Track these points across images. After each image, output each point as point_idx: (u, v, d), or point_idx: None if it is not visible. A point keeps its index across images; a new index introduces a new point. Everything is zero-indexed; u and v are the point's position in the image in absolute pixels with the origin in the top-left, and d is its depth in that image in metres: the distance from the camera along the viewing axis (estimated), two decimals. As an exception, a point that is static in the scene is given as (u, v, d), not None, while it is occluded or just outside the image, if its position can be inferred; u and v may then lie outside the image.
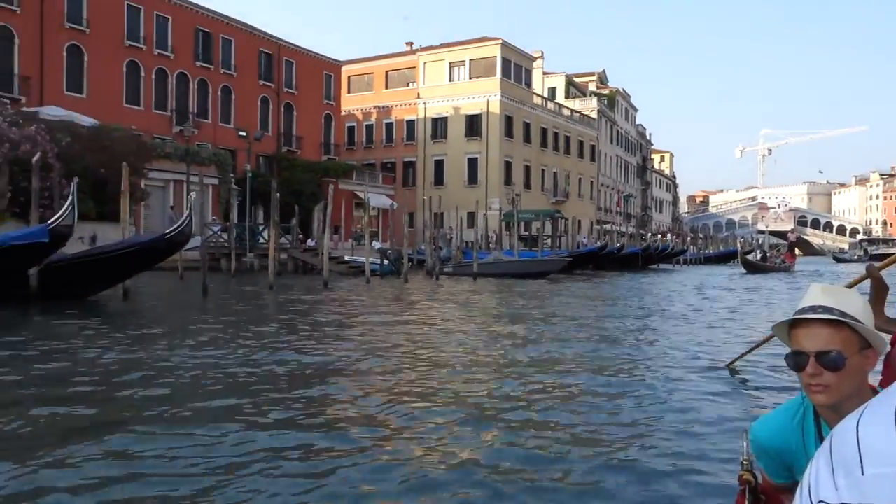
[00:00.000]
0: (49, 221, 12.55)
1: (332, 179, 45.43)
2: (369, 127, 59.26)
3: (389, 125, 58.29)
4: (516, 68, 56.25)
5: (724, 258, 60.96)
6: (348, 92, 57.44)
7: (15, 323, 11.04)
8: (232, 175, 37.07)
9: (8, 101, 29.49)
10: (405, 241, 27.66)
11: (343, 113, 54.60)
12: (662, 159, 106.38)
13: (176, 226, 14.12)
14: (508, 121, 55.19)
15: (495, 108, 53.92)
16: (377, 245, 38.91)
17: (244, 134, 33.04)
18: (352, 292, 19.44)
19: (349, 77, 57.41)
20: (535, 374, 7.39)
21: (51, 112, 29.51)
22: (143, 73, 37.79)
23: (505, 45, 54.42)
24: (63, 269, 13.35)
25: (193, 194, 14.67)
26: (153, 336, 9.86)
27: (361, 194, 46.63)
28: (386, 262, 28.08)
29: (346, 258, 29.10)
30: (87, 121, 29.91)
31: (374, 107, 58.61)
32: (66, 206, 12.67)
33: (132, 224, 27.30)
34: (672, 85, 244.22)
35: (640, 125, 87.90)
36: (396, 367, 7.67)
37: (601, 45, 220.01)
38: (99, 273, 13.73)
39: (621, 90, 78.75)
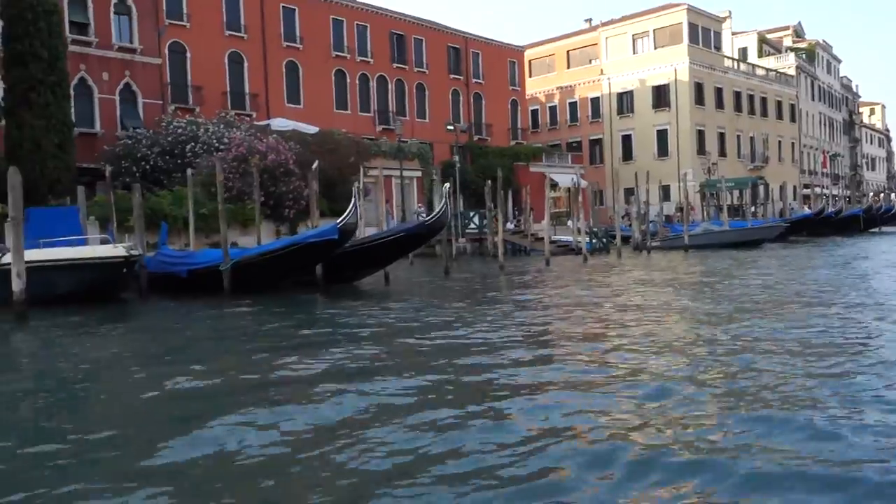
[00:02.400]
0: (338, 221, 14.57)
1: (524, 164, 46.79)
2: (552, 108, 59.68)
3: (573, 104, 58.34)
4: (704, 32, 53.99)
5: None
6: (530, 76, 58.17)
7: (319, 305, 13.10)
8: (433, 167, 39.39)
9: (250, 116, 33.62)
10: (595, 217, 28.10)
11: (526, 97, 55.47)
12: (872, 112, 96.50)
13: (434, 213, 15.75)
14: (698, 88, 53.18)
15: (684, 76, 52.17)
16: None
17: (451, 128, 34.93)
18: (576, 269, 20.28)
19: (530, 61, 58.12)
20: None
21: (279, 124, 33.09)
22: (348, 80, 41.03)
23: (691, 10, 52.43)
24: (340, 258, 15.40)
25: (447, 185, 16.15)
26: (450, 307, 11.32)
27: (553, 175, 47.56)
28: (594, 239, 28.59)
29: (554, 238, 29.96)
30: (309, 129, 33.21)
31: (557, 88, 58.91)
32: (350, 207, 14.66)
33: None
34: (880, 28, 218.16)
35: (845, 77, 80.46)
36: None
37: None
38: (370, 259, 15.72)
39: (821, 41, 72.60)
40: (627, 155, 54.96)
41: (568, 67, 58.67)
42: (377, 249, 15.58)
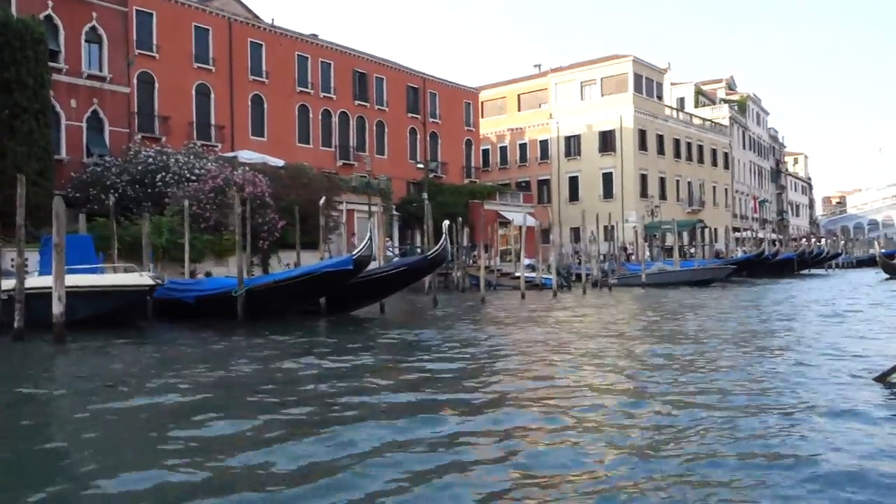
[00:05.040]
0: (353, 253, 15.29)
1: (478, 201, 48.19)
2: (503, 148, 61.66)
3: (523, 146, 60.46)
4: (647, 82, 57.10)
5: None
6: (482, 116, 60.06)
7: (325, 332, 13.73)
8: (392, 203, 40.35)
9: (215, 148, 33.91)
10: (542, 255, 29.52)
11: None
12: (796, 161, 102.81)
13: (436, 248, 16.61)
14: (642, 134, 56.02)
15: (629, 122, 54.93)
16: (527, 262, 40.94)
17: (422, 166, 36.00)
18: (550, 304, 21.40)
19: (483, 102, 60.05)
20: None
21: (246, 156, 33.42)
22: (311, 115, 41.77)
23: (636, 61, 55.46)
24: (345, 289, 16.04)
25: (447, 222, 17.05)
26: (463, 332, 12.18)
27: (505, 213, 49.21)
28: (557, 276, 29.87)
29: (517, 274, 31.16)
30: (275, 161, 33.70)
31: (508, 129, 60.99)
32: (365, 240, 15.44)
33: (328, 251, 30.64)
34: (803, 84, 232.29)
35: (772, 128, 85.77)
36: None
37: (726, 48, 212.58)
38: (372, 291, 16.42)
39: (751, 94, 77.44)
40: (574, 196, 57.13)
41: (519, 110, 60.92)
42: (380, 282, 16.33)
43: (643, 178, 56.00)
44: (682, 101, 69.67)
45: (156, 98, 34.09)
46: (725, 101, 71.56)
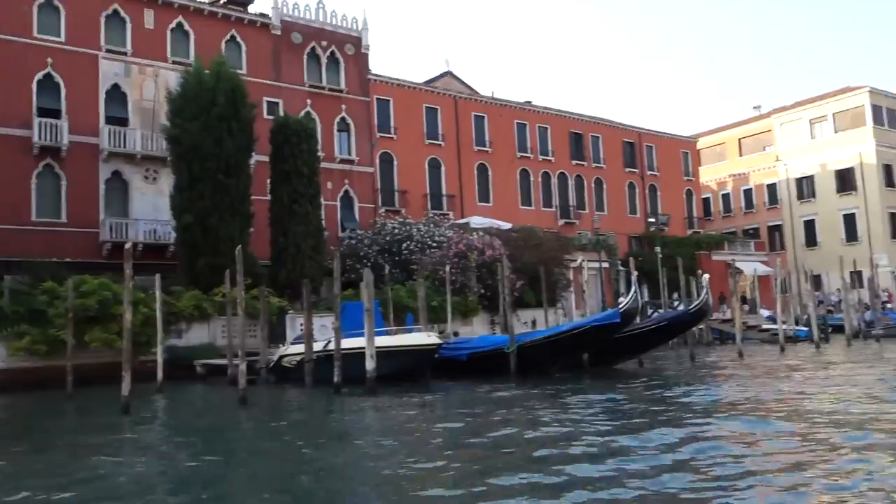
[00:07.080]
0: (620, 307, 15.85)
1: (705, 252, 46.48)
2: (725, 196, 59.10)
3: (748, 191, 57.55)
4: (889, 113, 52.18)
5: None
6: (700, 164, 58.25)
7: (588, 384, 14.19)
8: (618, 258, 40.20)
9: (447, 216, 36.35)
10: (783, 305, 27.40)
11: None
12: None
13: (698, 302, 16.64)
14: (887, 169, 51.00)
15: (870, 158, 50.37)
16: (766, 313, 38.48)
17: (653, 220, 35.90)
18: (818, 357, 19.93)
19: (700, 150, 58.35)
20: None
21: (477, 222, 35.41)
22: (531, 178, 43.29)
23: (873, 92, 51.07)
24: (609, 343, 16.47)
25: (707, 276, 17.04)
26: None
27: (736, 263, 46.82)
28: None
29: (765, 326, 29.55)
30: (504, 225, 35.29)
31: (730, 175, 58.50)
32: (630, 294, 15.94)
33: (561, 308, 31.26)
34: None
35: None
36: None
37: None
38: (635, 345, 16.70)
39: None
40: (811, 240, 53.09)
41: (740, 155, 58.30)
42: (643, 336, 16.56)
43: (893, 216, 50.69)
44: (932, 129, 62.46)
45: (395, 174, 37.44)
46: None
